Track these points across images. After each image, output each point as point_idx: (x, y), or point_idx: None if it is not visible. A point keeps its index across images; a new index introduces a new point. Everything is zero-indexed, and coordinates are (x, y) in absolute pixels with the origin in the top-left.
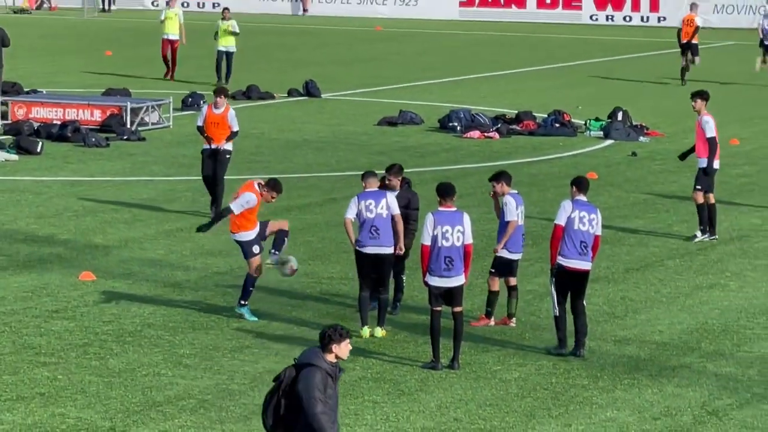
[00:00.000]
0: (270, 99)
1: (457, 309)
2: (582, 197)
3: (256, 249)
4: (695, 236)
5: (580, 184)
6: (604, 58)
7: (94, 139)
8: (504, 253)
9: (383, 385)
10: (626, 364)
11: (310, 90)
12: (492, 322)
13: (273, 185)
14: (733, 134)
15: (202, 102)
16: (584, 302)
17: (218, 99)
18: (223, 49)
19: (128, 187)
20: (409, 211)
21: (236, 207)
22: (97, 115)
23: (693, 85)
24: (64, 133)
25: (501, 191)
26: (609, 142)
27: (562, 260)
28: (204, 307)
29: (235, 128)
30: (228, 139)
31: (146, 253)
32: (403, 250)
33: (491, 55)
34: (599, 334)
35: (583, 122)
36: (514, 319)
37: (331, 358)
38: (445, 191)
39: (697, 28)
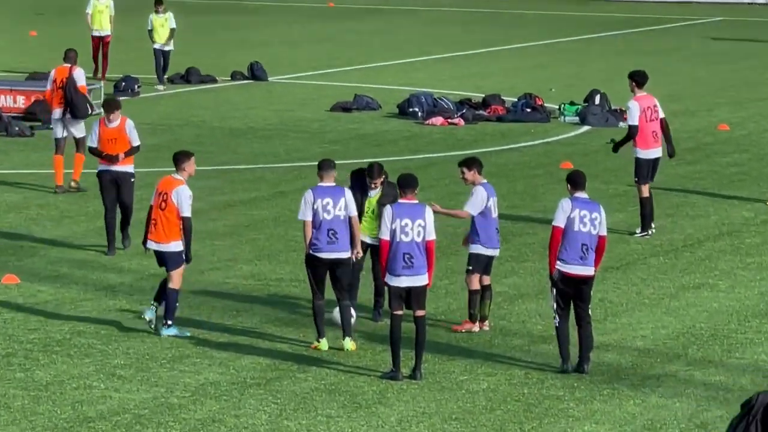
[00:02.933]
0: (211, 83)
1: (420, 313)
2: (581, 194)
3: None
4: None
5: (575, 180)
6: (580, 36)
7: (17, 128)
8: (479, 249)
9: (338, 397)
10: (605, 372)
11: (255, 73)
12: (476, 327)
13: (177, 158)
14: (722, 119)
15: (136, 87)
16: (589, 311)
17: (111, 114)
18: (159, 47)
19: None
20: None
21: (189, 210)
22: (21, 102)
23: (679, 63)
24: None
25: (472, 179)
26: (585, 128)
27: (561, 266)
28: (140, 312)
29: (136, 142)
30: (128, 154)
31: (76, 253)
32: (361, 254)
33: (456, 33)
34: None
35: (557, 107)
36: (487, 323)
37: None
38: (406, 182)
39: None
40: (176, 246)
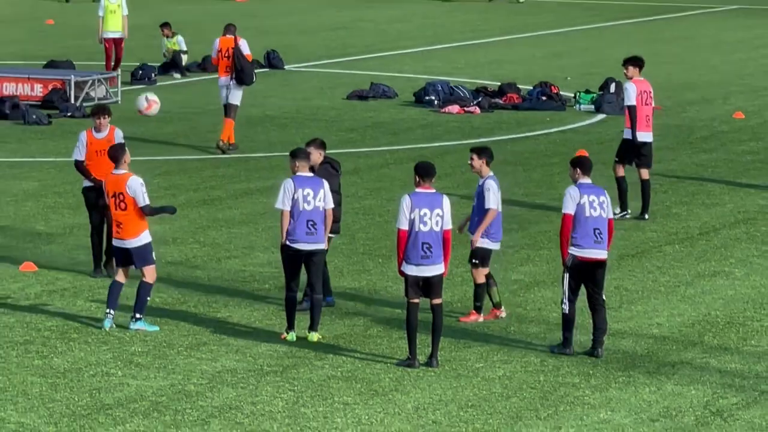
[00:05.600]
0: None
1: (436, 301)
2: (586, 179)
3: (154, 254)
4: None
5: (583, 164)
6: (596, 24)
7: (34, 116)
8: (486, 243)
9: (355, 384)
10: (621, 360)
11: (272, 61)
12: (481, 318)
13: (114, 156)
14: (737, 107)
15: (153, 75)
16: (603, 295)
17: (99, 121)
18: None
19: (72, 168)
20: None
21: (144, 199)
22: (38, 90)
23: (694, 52)
24: (1, 109)
25: (478, 168)
26: (601, 116)
27: (575, 250)
28: (157, 300)
29: None
30: None
31: None
32: (327, 247)
33: (472, 21)
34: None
35: (573, 95)
36: (503, 308)
37: None
38: (425, 171)
39: None
40: (139, 241)
